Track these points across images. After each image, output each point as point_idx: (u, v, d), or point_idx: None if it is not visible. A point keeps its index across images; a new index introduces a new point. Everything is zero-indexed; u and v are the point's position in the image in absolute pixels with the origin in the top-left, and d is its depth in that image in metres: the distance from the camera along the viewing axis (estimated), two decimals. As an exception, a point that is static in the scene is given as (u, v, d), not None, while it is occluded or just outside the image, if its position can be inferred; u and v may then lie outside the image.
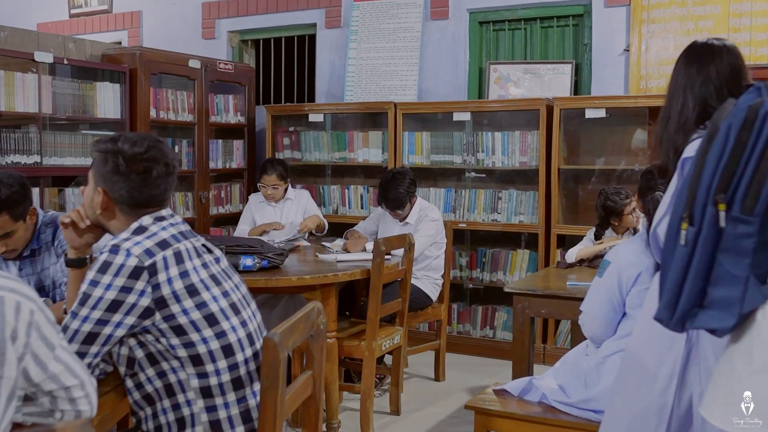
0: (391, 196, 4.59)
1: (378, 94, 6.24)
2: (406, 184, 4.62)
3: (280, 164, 5.07)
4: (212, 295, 2.04)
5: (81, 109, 5.16)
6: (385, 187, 4.63)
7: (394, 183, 4.61)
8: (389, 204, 4.63)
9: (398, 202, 4.59)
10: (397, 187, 4.59)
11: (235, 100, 6.38)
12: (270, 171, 5.01)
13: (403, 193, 4.60)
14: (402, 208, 4.64)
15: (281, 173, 5.01)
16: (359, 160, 6.04)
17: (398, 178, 4.63)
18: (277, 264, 3.79)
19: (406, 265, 4.13)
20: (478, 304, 5.67)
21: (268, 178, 5.01)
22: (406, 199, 4.63)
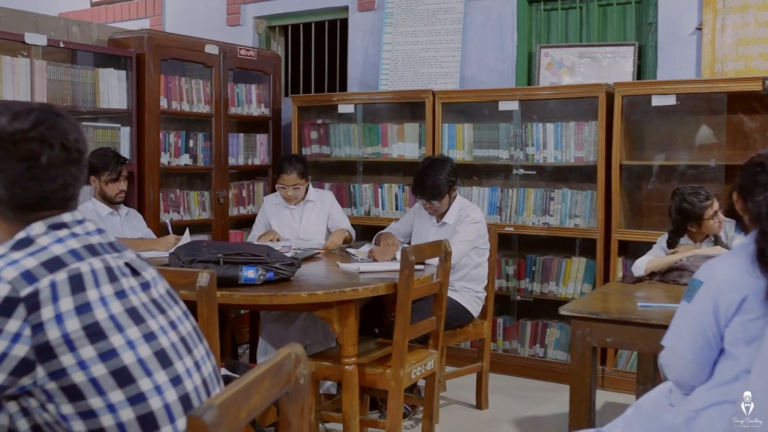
0: (429, 182, 3.97)
1: (416, 83, 5.61)
2: (446, 171, 4.00)
3: (299, 160, 4.47)
4: (127, 339, 1.41)
5: (81, 99, 4.62)
6: (422, 173, 4.02)
7: (433, 169, 4.00)
8: (425, 192, 4.00)
9: (436, 190, 3.97)
10: (435, 174, 3.97)
11: (259, 90, 5.80)
12: (289, 169, 4.40)
13: (442, 180, 3.97)
14: (439, 198, 4.01)
15: (301, 171, 4.41)
16: (393, 156, 5.42)
17: (438, 164, 4.03)
18: (285, 276, 3.19)
19: (441, 277, 3.50)
20: (526, 319, 5.00)
21: (288, 178, 4.40)
22: (445, 188, 4.00)
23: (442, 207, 4.06)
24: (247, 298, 3.01)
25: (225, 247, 3.19)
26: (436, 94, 5.12)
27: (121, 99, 4.83)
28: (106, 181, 4.15)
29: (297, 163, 4.41)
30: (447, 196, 4.03)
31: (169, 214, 5.14)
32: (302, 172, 4.40)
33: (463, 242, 3.93)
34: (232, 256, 3.11)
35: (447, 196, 4.03)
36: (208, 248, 3.12)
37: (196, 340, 1.59)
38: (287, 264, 3.20)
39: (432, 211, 4.09)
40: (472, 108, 5.23)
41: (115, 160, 4.15)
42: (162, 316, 1.51)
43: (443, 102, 5.12)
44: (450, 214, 4.09)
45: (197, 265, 3.06)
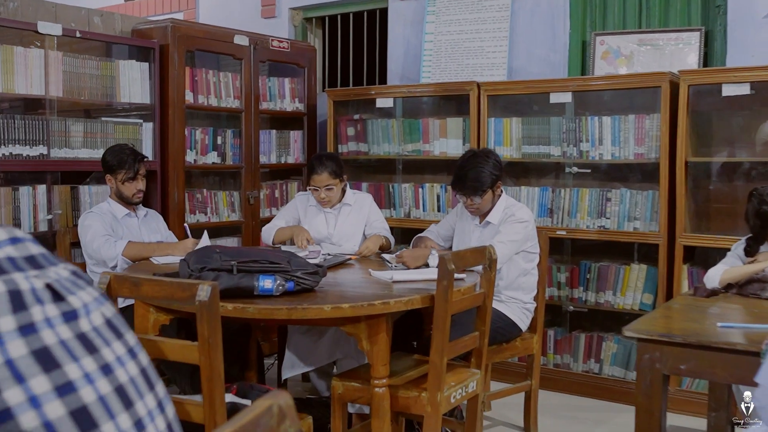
0: (471, 176, 3.57)
1: (460, 75, 5.21)
2: (489, 164, 3.61)
3: (330, 158, 4.08)
4: (30, 393, 1.03)
5: (100, 92, 4.33)
6: (463, 165, 3.63)
7: (475, 161, 3.61)
8: (466, 186, 3.61)
9: (478, 183, 3.57)
10: (477, 166, 3.58)
11: (292, 84, 5.47)
12: (319, 168, 4.03)
13: (485, 174, 3.58)
14: (481, 193, 3.60)
15: (333, 170, 4.03)
16: (435, 153, 5.03)
17: (480, 156, 3.64)
18: (308, 287, 2.83)
19: (485, 288, 3.10)
20: (580, 331, 4.57)
21: (319, 178, 4.04)
22: (488, 182, 3.60)
23: (484, 205, 3.66)
24: (262, 311, 2.65)
25: (240, 253, 2.84)
26: (482, 86, 4.72)
27: (144, 93, 4.53)
28: (123, 180, 3.84)
29: (328, 162, 4.03)
30: (490, 193, 3.63)
31: (195, 216, 4.83)
32: (334, 171, 4.03)
33: (507, 243, 3.52)
34: (247, 264, 2.76)
35: (490, 193, 3.63)
36: (220, 255, 2.77)
37: (143, 387, 1.20)
38: (310, 273, 2.84)
39: (473, 209, 3.69)
40: (521, 101, 4.82)
41: (132, 158, 3.84)
42: (90, 358, 1.13)
43: (489, 94, 4.71)
44: (494, 213, 3.69)
45: (208, 273, 2.72)
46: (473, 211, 3.70)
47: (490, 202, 3.66)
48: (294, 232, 4.02)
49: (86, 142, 4.25)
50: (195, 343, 2.16)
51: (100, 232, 3.69)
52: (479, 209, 3.67)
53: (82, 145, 4.24)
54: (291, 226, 4.14)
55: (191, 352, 2.17)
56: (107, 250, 3.64)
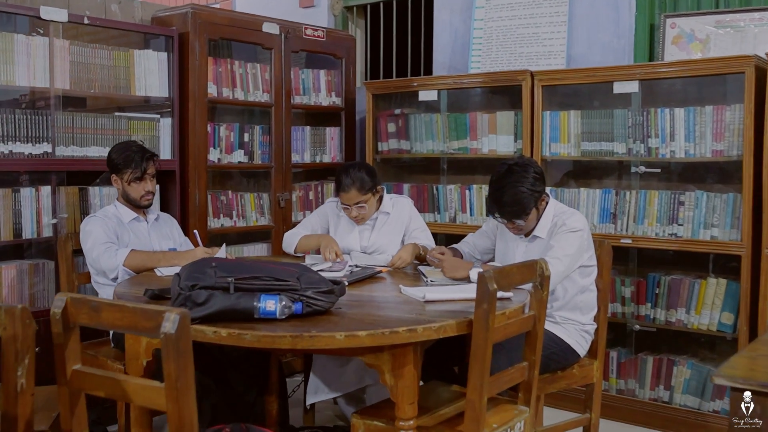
0: (507, 198, 3.03)
1: (513, 65, 4.70)
2: (528, 180, 3.06)
3: (358, 172, 3.54)
4: None
5: (112, 85, 3.95)
6: (497, 185, 3.08)
7: (511, 179, 3.06)
8: (504, 211, 3.08)
9: (518, 207, 3.04)
10: (515, 186, 3.03)
11: (329, 76, 5.02)
12: (345, 184, 3.52)
13: (524, 194, 3.04)
14: (524, 217, 3.08)
15: (361, 185, 3.52)
16: (484, 151, 4.52)
17: (516, 173, 3.07)
18: (320, 309, 2.37)
19: (536, 310, 2.60)
20: (647, 353, 4.01)
21: (347, 196, 3.55)
22: (531, 202, 3.07)
23: (530, 225, 3.15)
24: (262, 339, 2.20)
25: (239, 267, 2.39)
26: (535, 75, 4.20)
27: (162, 85, 4.14)
28: (129, 181, 3.44)
29: (356, 175, 3.52)
30: (534, 210, 3.11)
31: (220, 220, 4.42)
32: (363, 186, 3.52)
33: (562, 258, 3.00)
34: (246, 281, 2.31)
35: (534, 210, 3.11)
36: (216, 269, 2.33)
37: None
38: (323, 291, 2.38)
39: (516, 231, 3.18)
40: (580, 92, 4.28)
41: (140, 156, 3.44)
42: None
43: (544, 85, 4.19)
44: (542, 225, 3.17)
45: (199, 292, 2.28)
46: (516, 232, 3.19)
47: (534, 219, 3.14)
48: (321, 242, 3.56)
49: (96, 139, 3.87)
50: (161, 385, 1.71)
51: (100, 240, 3.30)
52: (523, 230, 3.16)
53: (92, 142, 3.86)
54: (318, 235, 3.69)
55: (157, 396, 1.72)
56: (107, 259, 3.24)
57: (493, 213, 3.11)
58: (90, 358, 3.26)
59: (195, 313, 2.27)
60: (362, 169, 3.55)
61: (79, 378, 1.88)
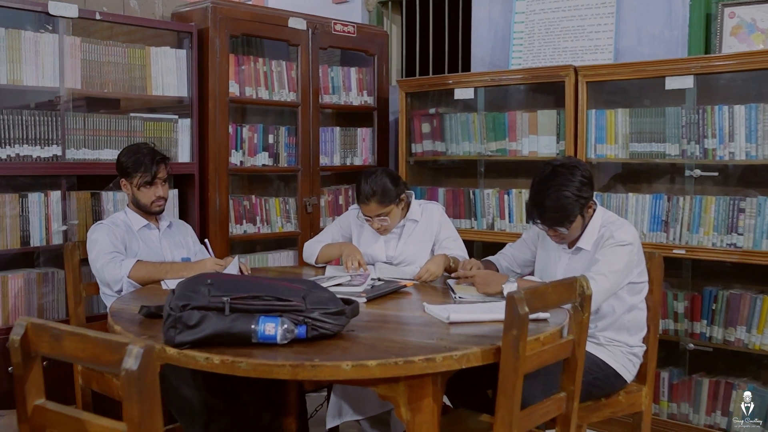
0: (550, 203, 2.72)
1: (557, 61, 4.38)
2: (575, 184, 2.74)
3: (379, 181, 3.24)
4: None
5: (126, 84, 3.74)
6: (540, 188, 2.77)
7: (555, 181, 2.74)
8: (545, 217, 2.77)
9: (561, 213, 2.73)
10: (559, 189, 2.72)
11: (360, 74, 4.76)
12: (366, 197, 3.24)
13: (569, 199, 2.72)
14: (567, 225, 2.77)
15: (382, 197, 3.23)
16: (524, 153, 4.21)
17: (562, 175, 2.75)
18: (327, 333, 2.10)
19: (576, 334, 2.29)
20: (703, 375, 3.65)
21: (367, 208, 3.28)
22: (575, 208, 2.75)
23: (574, 234, 2.83)
24: (258, 368, 1.94)
25: (237, 285, 2.13)
26: (579, 70, 3.88)
27: (180, 84, 3.91)
28: (138, 185, 3.22)
29: (376, 184, 3.22)
30: (580, 218, 2.79)
31: (242, 226, 4.18)
32: (385, 196, 3.23)
33: (607, 274, 2.68)
34: (244, 301, 2.05)
35: (580, 218, 2.79)
36: (211, 287, 2.08)
37: None
38: (332, 313, 2.10)
39: (558, 239, 2.86)
40: (629, 88, 3.94)
41: (150, 158, 3.21)
42: None
43: (589, 81, 3.86)
44: (587, 235, 2.85)
45: (191, 313, 2.02)
46: (558, 241, 2.88)
47: (579, 228, 2.83)
48: (344, 250, 3.30)
49: (109, 142, 3.66)
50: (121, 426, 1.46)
51: (106, 249, 3.07)
52: (566, 239, 2.84)
53: (105, 144, 3.65)
54: (340, 243, 3.43)
55: (119, 441, 1.47)
56: (111, 270, 3.01)
57: (533, 218, 2.81)
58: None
59: (185, 336, 2.02)
60: (384, 177, 3.26)
61: (41, 415, 1.64)
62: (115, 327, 2.29)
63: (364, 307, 2.61)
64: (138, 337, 2.15)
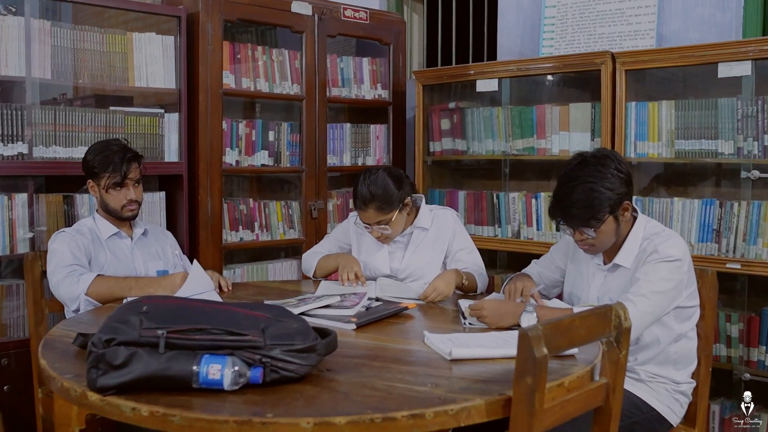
0: (576, 196, 2.26)
1: (592, 48, 3.90)
2: (607, 178, 2.27)
3: (382, 178, 2.79)
4: None
5: (105, 74, 3.34)
6: (565, 180, 2.32)
7: (583, 173, 2.28)
8: (569, 213, 2.30)
9: (587, 210, 2.26)
10: (587, 182, 2.26)
11: (373, 65, 4.31)
12: (364, 201, 2.79)
13: (599, 193, 2.25)
14: (594, 224, 2.28)
15: (386, 200, 2.78)
16: (554, 152, 3.73)
17: (592, 166, 2.29)
18: (290, 375, 1.65)
19: (610, 376, 1.81)
20: (760, 409, 3.13)
21: (365, 215, 2.83)
22: (604, 206, 2.27)
23: (603, 239, 2.35)
24: (196, 423, 1.50)
25: (179, 314, 1.69)
26: (618, 57, 3.40)
27: (167, 74, 3.51)
28: (106, 187, 2.81)
29: (376, 186, 2.77)
30: (612, 220, 2.31)
31: (238, 233, 3.77)
32: (386, 202, 2.78)
33: (649, 296, 2.21)
34: (184, 335, 1.62)
35: (612, 220, 2.31)
36: (144, 316, 1.64)
37: None
38: (298, 350, 1.66)
39: (586, 246, 2.38)
40: (674, 77, 3.45)
41: (120, 156, 2.80)
42: None
43: (628, 69, 3.38)
44: (626, 251, 2.37)
45: (116, 350, 1.60)
46: (588, 249, 2.40)
47: (613, 232, 2.34)
48: (340, 261, 2.86)
49: (84, 138, 3.26)
50: None
51: (64, 261, 2.67)
52: (596, 246, 2.36)
53: (79, 141, 3.26)
54: (337, 255, 2.99)
55: None
56: (68, 286, 2.60)
57: (556, 217, 2.34)
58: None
59: (109, 379, 1.59)
60: (385, 178, 2.80)
61: None
62: (41, 361, 1.88)
63: (352, 335, 2.16)
64: (61, 376, 1.73)
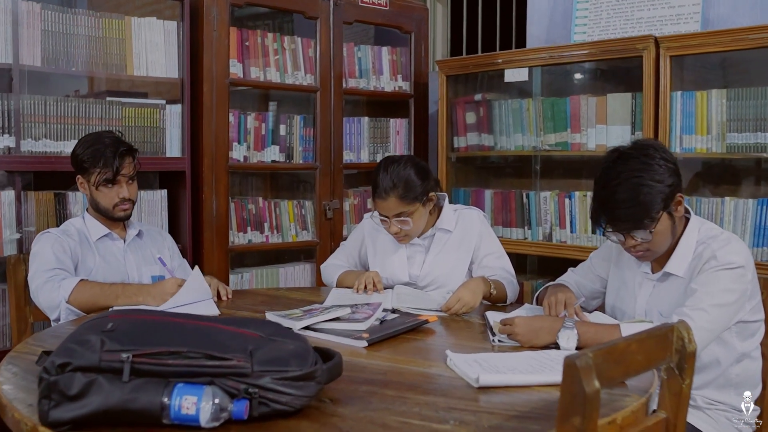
0: (622, 195, 1.94)
1: (629, 34, 3.58)
2: (654, 170, 1.95)
3: (405, 167, 2.51)
4: None
5: (101, 61, 3.09)
6: (606, 179, 1.99)
7: (626, 169, 1.96)
8: (616, 217, 1.98)
9: (639, 208, 1.94)
10: (632, 177, 1.94)
11: (394, 55, 4.03)
12: (384, 190, 2.50)
13: (648, 187, 1.93)
14: (648, 224, 1.96)
15: (408, 189, 2.49)
16: (590, 147, 3.42)
17: (634, 159, 1.97)
18: (284, 409, 1.36)
19: (670, 410, 1.50)
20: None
21: (384, 205, 2.53)
22: (656, 201, 1.95)
23: (661, 242, 2.02)
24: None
25: (149, 333, 1.40)
26: (662, 42, 3.08)
27: (170, 63, 3.25)
28: (97, 184, 2.54)
29: (398, 175, 2.49)
30: (666, 217, 1.99)
31: (246, 235, 3.50)
32: (408, 191, 2.49)
33: (708, 310, 1.90)
34: (153, 359, 1.33)
35: (666, 217, 1.99)
36: (107, 336, 1.36)
37: None
38: (293, 378, 1.36)
39: (641, 252, 2.06)
40: (725, 63, 3.13)
41: (112, 150, 2.52)
42: None
43: (673, 55, 3.06)
44: (678, 256, 2.05)
45: (72, 376, 1.31)
46: (640, 255, 2.08)
47: (670, 232, 2.02)
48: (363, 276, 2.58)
49: (77, 131, 3.01)
50: None
51: (46, 264, 2.40)
52: (651, 251, 2.04)
53: (72, 134, 3.00)
54: (359, 271, 2.71)
55: None
56: (48, 292, 2.33)
57: (601, 223, 2.03)
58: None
59: (63, 412, 1.31)
60: (409, 167, 2.51)
61: None
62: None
63: (363, 353, 1.87)
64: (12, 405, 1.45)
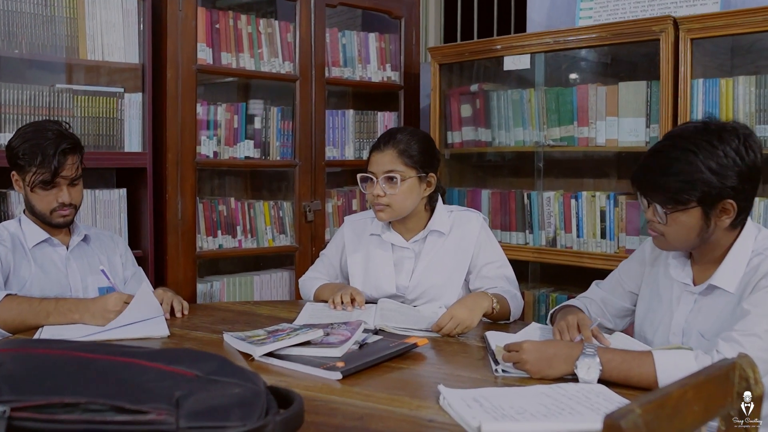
0: (667, 162, 1.64)
1: (640, 14, 3.25)
2: (715, 158, 1.61)
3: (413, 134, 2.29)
4: None
5: (48, 44, 2.72)
6: (669, 134, 1.71)
7: (691, 140, 1.64)
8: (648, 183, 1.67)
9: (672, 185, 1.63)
10: (689, 151, 1.62)
11: (382, 42, 3.67)
12: (384, 142, 2.27)
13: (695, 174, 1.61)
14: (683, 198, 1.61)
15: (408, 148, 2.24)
16: (599, 142, 3.07)
17: (709, 132, 1.65)
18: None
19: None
20: None
21: (378, 158, 2.26)
22: (697, 186, 1.61)
23: (676, 235, 1.68)
24: None
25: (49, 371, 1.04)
26: (681, 23, 2.73)
27: (129, 47, 2.89)
28: (32, 185, 2.18)
29: (402, 134, 2.26)
30: (699, 215, 1.64)
31: (216, 239, 3.13)
32: (406, 150, 2.24)
33: (763, 337, 1.55)
34: (40, 413, 0.97)
35: (699, 215, 1.64)
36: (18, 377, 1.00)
37: None
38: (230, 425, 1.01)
39: (655, 233, 1.71)
40: (753, 47, 2.78)
41: (53, 145, 2.16)
42: None
43: (694, 38, 2.71)
44: (727, 268, 1.69)
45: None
46: (654, 235, 1.73)
47: (694, 232, 1.67)
48: (340, 290, 2.24)
49: (20, 122, 2.64)
50: None
51: (-31, 276, 2.04)
52: (665, 238, 1.70)
53: (12, 125, 2.64)
54: (338, 284, 2.36)
55: None
56: (-34, 310, 1.98)
57: (636, 178, 1.71)
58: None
59: None
60: (419, 135, 2.31)
61: None
62: None
63: (337, 388, 1.51)
64: None
